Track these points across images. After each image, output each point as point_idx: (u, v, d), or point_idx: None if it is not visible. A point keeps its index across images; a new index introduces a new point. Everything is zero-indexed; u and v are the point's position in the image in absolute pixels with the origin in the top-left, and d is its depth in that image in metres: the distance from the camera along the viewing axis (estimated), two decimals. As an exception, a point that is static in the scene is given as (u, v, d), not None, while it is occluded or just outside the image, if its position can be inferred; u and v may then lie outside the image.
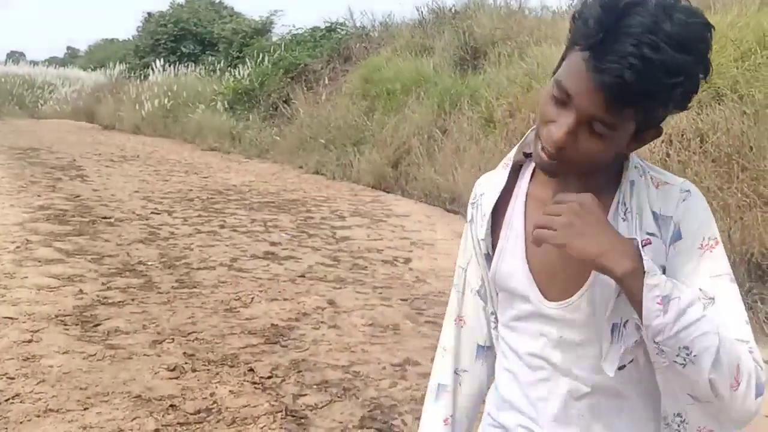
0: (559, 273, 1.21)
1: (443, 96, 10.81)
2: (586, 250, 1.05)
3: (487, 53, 11.27)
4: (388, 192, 10.61)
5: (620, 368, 1.16)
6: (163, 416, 3.34)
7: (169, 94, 19.90)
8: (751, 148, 5.98)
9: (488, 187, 1.34)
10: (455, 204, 8.92)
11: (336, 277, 5.84)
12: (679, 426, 1.13)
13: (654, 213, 1.16)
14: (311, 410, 3.48)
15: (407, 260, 6.55)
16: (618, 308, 1.12)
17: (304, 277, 5.85)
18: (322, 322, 4.75)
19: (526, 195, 1.28)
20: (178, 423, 3.29)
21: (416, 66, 12.25)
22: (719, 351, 1.02)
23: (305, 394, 3.65)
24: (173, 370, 3.90)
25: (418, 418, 3.37)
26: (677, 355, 1.03)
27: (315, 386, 3.76)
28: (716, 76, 6.90)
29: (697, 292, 1.08)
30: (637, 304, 1.04)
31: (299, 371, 3.93)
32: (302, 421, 3.36)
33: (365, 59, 14.46)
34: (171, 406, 3.45)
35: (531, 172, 1.30)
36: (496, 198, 1.30)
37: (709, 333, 1.02)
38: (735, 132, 6.19)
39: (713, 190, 5.66)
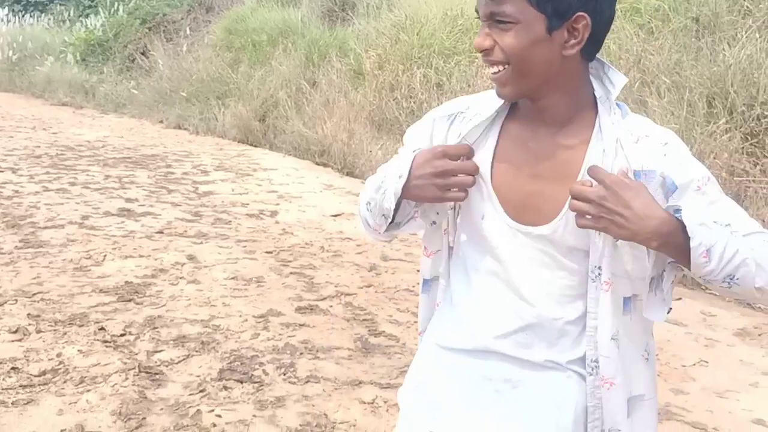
0: (528, 204, 1.29)
1: (311, 48, 10.65)
2: (616, 236, 1.18)
3: (356, 5, 11.18)
4: (255, 146, 10.39)
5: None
6: (3, 380, 3.13)
7: (14, 45, 18.47)
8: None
9: (476, 110, 1.36)
10: (325, 157, 8.87)
11: (197, 232, 5.67)
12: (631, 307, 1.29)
13: (636, 171, 1.22)
14: (167, 366, 3.37)
15: (274, 213, 6.45)
16: (655, 263, 1.25)
17: (162, 233, 5.63)
18: (180, 278, 4.60)
19: (500, 128, 1.34)
20: (20, 386, 3.10)
21: (283, 17, 11.96)
22: (757, 267, 1.18)
23: (161, 350, 3.53)
24: (15, 332, 3.66)
25: (279, 367, 3.37)
26: (723, 281, 1.19)
27: (171, 342, 3.64)
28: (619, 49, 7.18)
29: (724, 229, 1.21)
30: (679, 256, 1.18)
31: (155, 328, 3.79)
32: (157, 377, 3.25)
33: (229, 9, 13.97)
34: (13, 368, 3.24)
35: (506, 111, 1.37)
36: (480, 130, 1.34)
37: (747, 259, 1.18)
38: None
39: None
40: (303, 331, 3.82)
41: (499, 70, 1.24)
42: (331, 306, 4.20)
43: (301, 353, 3.54)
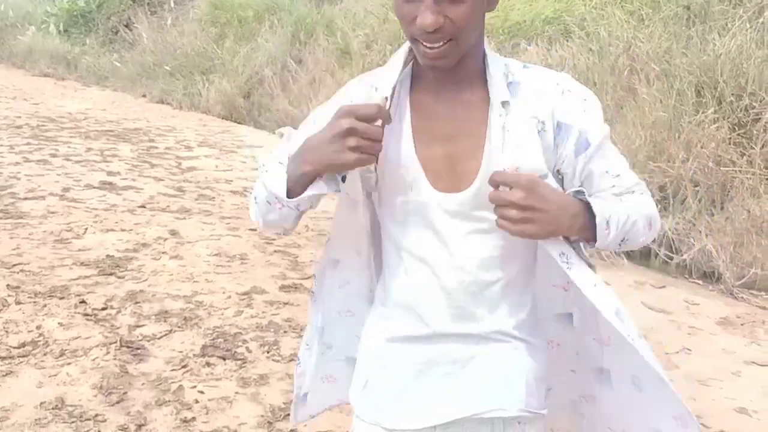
0: (447, 171, 1.24)
1: (298, 25, 10.54)
2: (548, 233, 1.18)
3: (344, -18, 11.07)
4: (239, 123, 10.30)
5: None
6: (-20, 352, 3.08)
7: (-6, 13, 18.15)
8: (595, 83, 6.27)
9: (378, 82, 1.26)
10: (309, 136, 8.79)
11: (180, 208, 5.61)
12: (567, 262, 1.24)
13: (558, 123, 1.23)
14: (149, 341, 3.33)
15: (257, 191, 6.39)
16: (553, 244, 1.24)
17: (144, 207, 5.57)
18: (163, 253, 4.55)
19: (410, 98, 1.28)
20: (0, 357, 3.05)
21: (270, -7, 11.84)
22: (643, 224, 1.27)
23: (142, 325, 3.50)
24: (-6, 303, 3.60)
25: (263, 345, 3.34)
26: (617, 245, 1.27)
27: (153, 317, 3.60)
28: (565, 13, 7.16)
29: (616, 198, 1.27)
30: (585, 233, 1.22)
31: (137, 302, 3.75)
32: (138, 351, 3.22)
33: (216, -17, 13.78)
34: (-9, 340, 3.20)
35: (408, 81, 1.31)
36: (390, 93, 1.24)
37: (636, 221, 1.25)
38: (581, 68, 6.46)
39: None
40: (287, 309, 3.80)
41: (442, 44, 1.16)
42: (315, 285, 4.17)
43: (285, 331, 3.52)
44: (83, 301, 3.69)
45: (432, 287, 1.27)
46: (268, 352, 3.29)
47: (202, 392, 2.91)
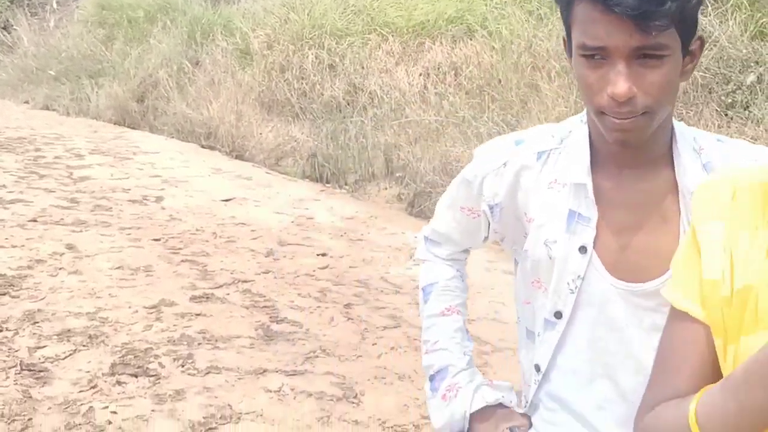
0: (629, 262, 1.16)
1: (193, 25, 10.33)
2: None
3: (240, -19, 10.94)
4: (133, 128, 9.99)
5: None
6: None
7: None
8: (500, 80, 6.46)
9: (570, 145, 1.20)
10: (212, 139, 8.66)
11: (75, 220, 5.39)
12: None
13: None
14: (52, 362, 3.19)
15: (159, 199, 6.22)
16: None
17: (36, 221, 5.31)
18: (60, 269, 4.35)
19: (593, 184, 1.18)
20: None
21: (161, -8, 11.55)
22: None
23: (44, 346, 3.33)
24: None
25: (177, 359, 3.26)
26: None
27: (55, 337, 3.44)
28: (468, 13, 7.33)
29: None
30: None
31: (35, 322, 3.58)
32: (42, 374, 3.07)
33: (101, -18, 13.34)
34: None
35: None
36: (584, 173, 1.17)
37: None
38: (485, 65, 6.64)
39: (468, 120, 6.04)
40: (199, 320, 3.71)
41: (635, 116, 1.05)
42: (228, 294, 4.10)
43: (199, 343, 3.44)
44: (-25, 324, 3.50)
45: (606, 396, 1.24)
46: (182, 366, 3.21)
47: (114, 412, 2.81)
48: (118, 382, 3.04)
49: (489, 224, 1.30)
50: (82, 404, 2.85)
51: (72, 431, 2.67)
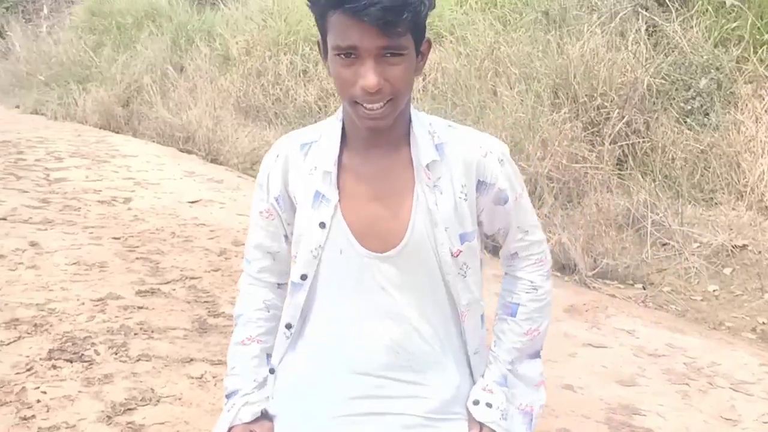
0: (374, 231, 1.41)
1: (179, 32, 10.65)
2: None
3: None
4: (117, 132, 10.29)
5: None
6: None
7: None
8: (465, 86, 6.69)
9: (326, 138, 1.44)
10: (189, 143, 8.93)
11: (43, 219, 5.65)
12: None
13: (479, 181, 1.42)
14: (-5, 348, 3.44)
15: (127, 200, 6.49)
16: None
17: (5, 220, 5.58)
18: (19, 264, 4.61)
19: (339, 165, 1.42)
20: None
21: (149, -1, 11.89)
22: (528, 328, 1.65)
23: (-10, 333, 3.59)
24: None
25: (111, 347, 3.50)
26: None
27: (3, 325, 3.69)
28: (437, 18, 7.57)
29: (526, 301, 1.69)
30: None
31: (-14, 312, 3.83)
32: (-17, 358, 3.32)
33: (93, -11, 13.67)
34: None
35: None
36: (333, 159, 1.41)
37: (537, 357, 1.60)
38: (450, 71, 6.87)
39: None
40: (141, 313, 3.96)
41: (382, 105, 1.30)
42: (173, 289, 4.34)
43: (136, 334, 3.68)
44: (-73, 313, 3.75)
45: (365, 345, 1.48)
46: (116, 354, 3.44)
47: (44, 392, 3.04)
48: (54, 366, 3.28)
49: (281, 220, 1.53)
50: (15, 384, 3.10)
51: (1, 408, 2.91)
